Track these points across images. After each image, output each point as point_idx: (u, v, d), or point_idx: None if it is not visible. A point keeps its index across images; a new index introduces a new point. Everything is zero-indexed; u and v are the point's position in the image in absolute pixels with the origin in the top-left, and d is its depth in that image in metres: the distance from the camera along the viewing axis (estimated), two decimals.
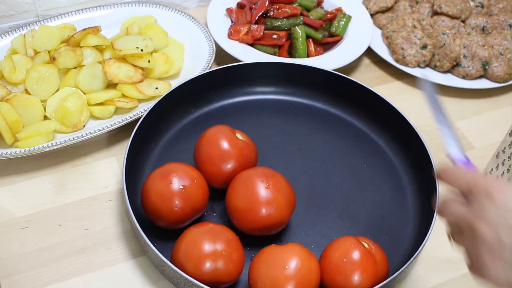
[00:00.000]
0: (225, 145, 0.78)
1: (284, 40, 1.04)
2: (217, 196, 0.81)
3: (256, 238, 0.76)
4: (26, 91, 0.89)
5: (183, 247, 0.70)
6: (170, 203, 0.73)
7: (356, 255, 0.69)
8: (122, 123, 0.87)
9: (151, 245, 0.71)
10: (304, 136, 0.92)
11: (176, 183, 0.74)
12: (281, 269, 0.67)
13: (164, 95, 0.87)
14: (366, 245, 0.71)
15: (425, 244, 0.73)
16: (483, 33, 1.10)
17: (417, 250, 0.72)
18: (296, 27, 1.04)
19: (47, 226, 0.79)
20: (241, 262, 0.71)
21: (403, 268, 0.70)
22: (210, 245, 0.69)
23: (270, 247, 0.70)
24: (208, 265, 0.68)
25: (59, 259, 0.76)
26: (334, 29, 1.08)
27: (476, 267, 0.51)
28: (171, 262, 0.70)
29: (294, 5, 1.07)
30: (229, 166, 0.78)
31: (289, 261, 0.67)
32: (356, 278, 0.68)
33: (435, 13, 1.12)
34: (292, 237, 0.79)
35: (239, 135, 0.81)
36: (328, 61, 1.01)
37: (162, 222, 0.75)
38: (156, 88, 0.93)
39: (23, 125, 0.86)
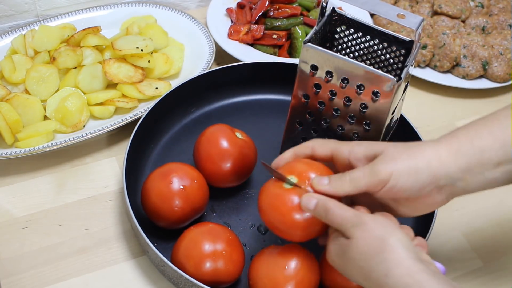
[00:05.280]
0: (224, 143, 0.78)
1: (284, 40, 1.04)
2: (217, 196, 0.81)
3: (256, 238, 0.76)
4: (26, 91, 0.89)
5: (183, 247, 0.70)
6: (170, 203, 0.73)
7: None
8: (122, 123, 0.87)
9: (151, 245, 0.71)
10: None
11: (176, 183, 0.74)
12: (281, 269, 0.67)
13: (164, 95, 0.87)
14: None
15: None
16: (483, 33, 1.10)
17: None
18: (296, 27, 1.04)
19: (47, 226, 0.79)
20: (241, 262, 0.71)
21: None
22: (210, 245, 0.69)
23: (270, 247, 0.70)
24: (208, 265, 0.68)
25: (59, 259, 0.76)
26: None
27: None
28: (171, 262, 0.70)
29: (294, 5, 1.07)
30: (229, 165, 0.78)
31: (289, 261, 0.67)
32: None
33: (435, 13, 1.12)
34: None
35: (238, 134, 0.81)
36: None
37: (162, 222, 0.75)
38: (156, 88, 0.93)
39: (23, 125, 0.86)
